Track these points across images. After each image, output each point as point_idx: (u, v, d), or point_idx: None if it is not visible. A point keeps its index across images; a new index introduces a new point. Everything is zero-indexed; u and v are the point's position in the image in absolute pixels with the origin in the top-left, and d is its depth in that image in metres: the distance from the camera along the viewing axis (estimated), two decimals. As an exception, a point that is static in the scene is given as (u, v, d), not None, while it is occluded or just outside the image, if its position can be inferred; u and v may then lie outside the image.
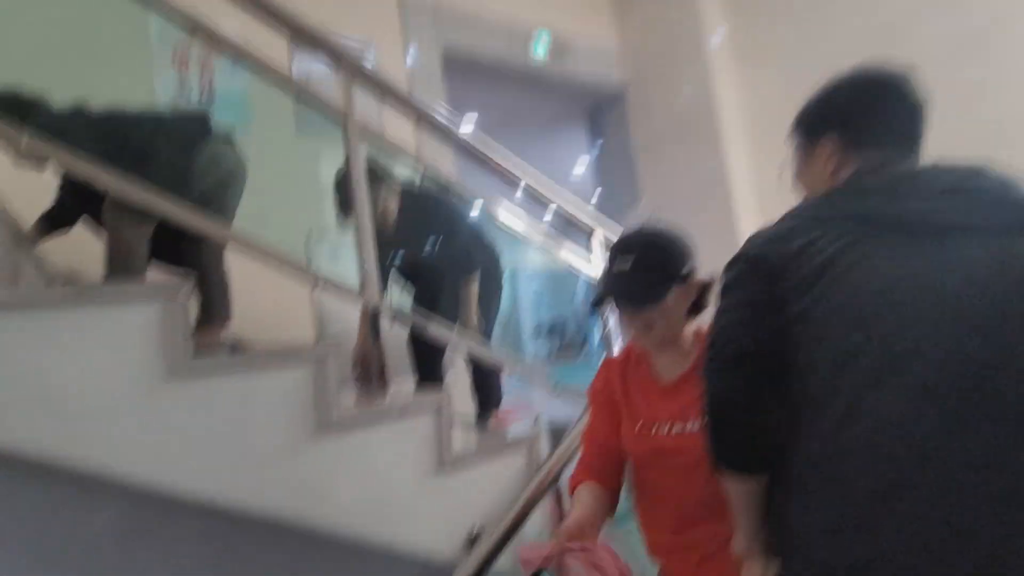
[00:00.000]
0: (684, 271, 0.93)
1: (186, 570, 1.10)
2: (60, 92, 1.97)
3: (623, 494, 1.12)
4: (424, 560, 1.33)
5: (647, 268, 0.92)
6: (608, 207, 5.54)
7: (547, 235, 1.89)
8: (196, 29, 1.28)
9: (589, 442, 1.08)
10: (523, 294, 12.23)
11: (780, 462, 0.75)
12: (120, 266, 1.86)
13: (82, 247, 2.24)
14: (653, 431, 0.95)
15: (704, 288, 0.96)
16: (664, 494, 0.98)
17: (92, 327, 1.01)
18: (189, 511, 1.08)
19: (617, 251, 0.96)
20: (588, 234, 1.93)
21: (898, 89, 0.85)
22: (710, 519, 0.90)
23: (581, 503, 0.99)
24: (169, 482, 1.04)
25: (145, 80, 2.75)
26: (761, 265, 0.79)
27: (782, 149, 2.52)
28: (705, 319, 0.92)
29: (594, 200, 5.39)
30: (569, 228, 2.01)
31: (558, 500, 1.45)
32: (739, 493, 0.80)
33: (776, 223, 0.84)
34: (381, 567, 1.30)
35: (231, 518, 1.12)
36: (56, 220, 2.16)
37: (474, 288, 2.09)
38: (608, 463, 1.03)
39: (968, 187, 0.75)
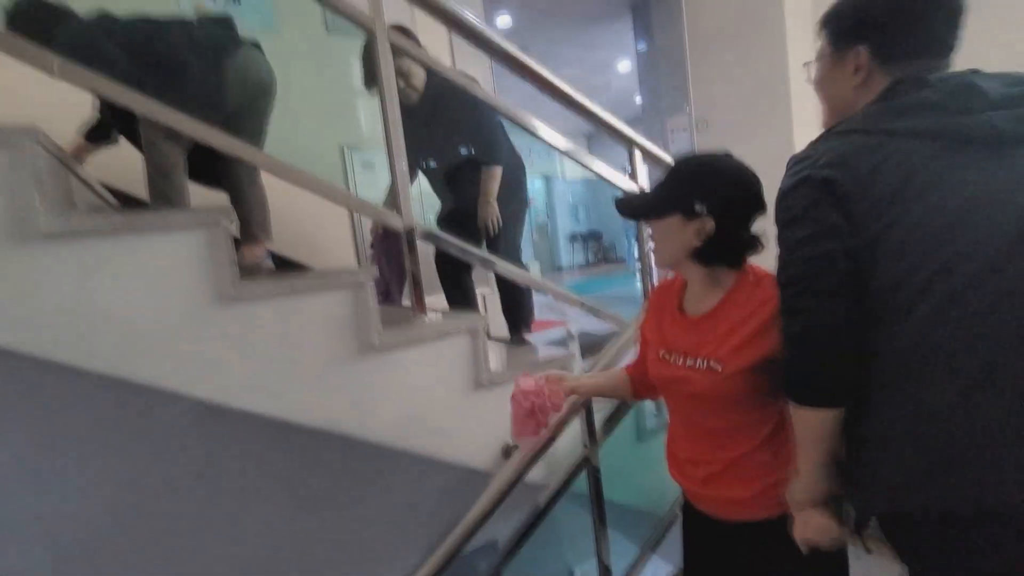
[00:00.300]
0: (693, 205, 0.89)
1: (248, 475, 1.22)
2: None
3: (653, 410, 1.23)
4: (462, 468, 1.43)
5: (659, 187, 0.94)
6: (653, 111, 5.23)
7: (580, 146, 1.80)
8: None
9: (639, 358, 1.16)
10: (560, 202, 12.06)
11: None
12: (160, 184, 1.89)
13: (129, 164, 2.29)
14: (670, 359, 0.99)
15: (718, 237, 0.90)
16: (678, 416, 1.05)
17: (141, 254, 1.04)
18: (245, 422, 1.17)
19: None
20: (628, 147, 1.82)
21: None
22: (715, 443, 0.97)
23: (601, 373, 1.20)
24: (221, 396, 1.12)
25: (166, -19, 2.62)
26: (833, 189, 0.77)
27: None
28: (763, 262, 0.93)
29: (637, 101, 5.05)
30: (608, 136, 1.90)
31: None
32: (817, 427, 0.79)
33: (829, 143, 0.81)
34: (423, 473, 1.40)
35: (286, 428, 1.21)
36: (98, 134, 2.19)
37: (494, 185, 2.05)
38: (647, 377, 1.10)
39: None
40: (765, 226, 0.92)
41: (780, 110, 3.95)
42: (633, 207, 1.02)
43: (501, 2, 5.61)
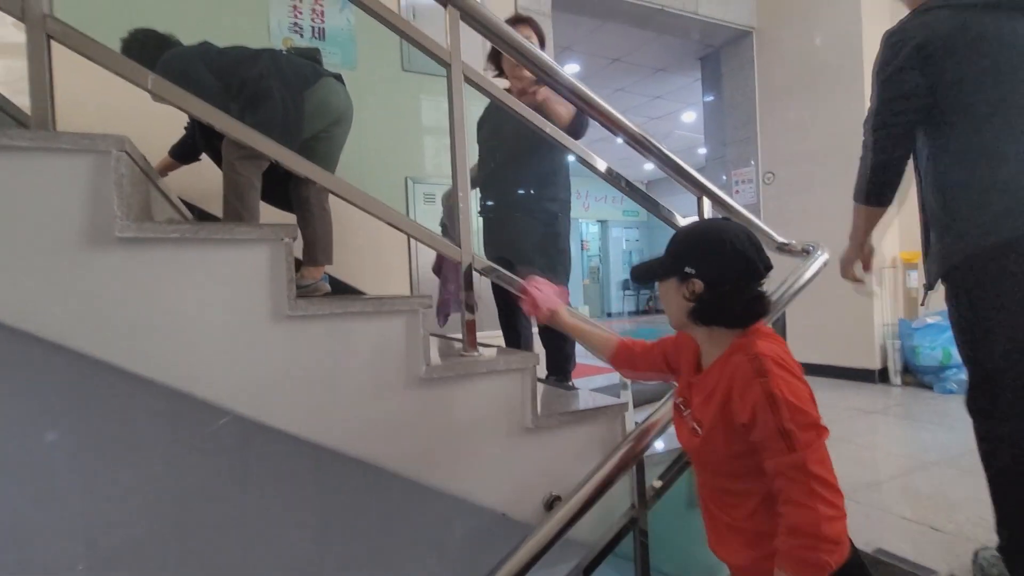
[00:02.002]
0: (685, 268, 0.95)
1: (288, 497, 1.18)
2: (185, 33, 2.07)
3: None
4: (500, 515, 1.35)
5: (664, 252, 1.00)
6: (717, 161, 5.15)
7: (643, 190, 1.76)
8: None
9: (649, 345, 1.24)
10: (613, 247, 11.98)
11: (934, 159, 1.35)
12: (235, 203, 1.98)
13: (208, 183, 2.42)
14: (682, 408, 1.04)
15: (708, 298, 0.94)
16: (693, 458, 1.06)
17: (206, 266, 1.06)
18: (285, 442, 1.14)
19: None
20: (699, 194, 1.76)
21: None
22: (719, 502, 0.98)
23: (588, 323, 1.35)
24: (267, 415, 1.10)
25: (261, 18, 2.82)
26: (922, 52, 1.28)
27: None
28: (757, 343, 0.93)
29: (700, 152, 5.00)
30: (668, 186, 1.85)
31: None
32: (871, 218, 1.51)
33: (919, 18, 1.33)
34: (456, 514, 1.33)
35: (325, 453, 1.18)
36: (184, 152, 2.33)
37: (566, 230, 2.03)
38: (639, 355, 1.22)
39: None
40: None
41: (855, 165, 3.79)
42: (639, 272, 1.07)
43: (571, 50, 5.77)
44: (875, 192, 1.44)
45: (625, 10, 4.24)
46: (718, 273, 0.93)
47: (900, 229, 4.08)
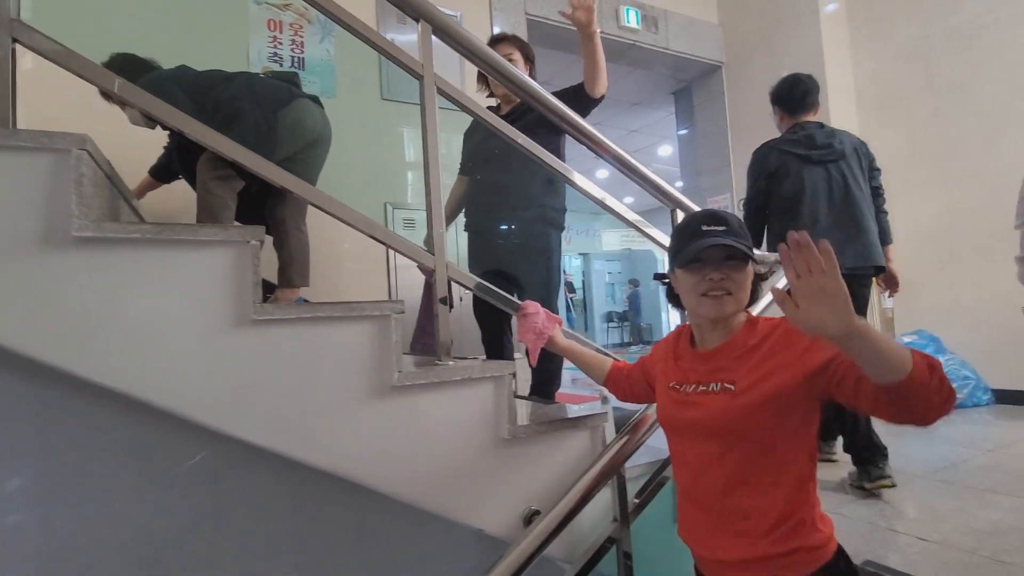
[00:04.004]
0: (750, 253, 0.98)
1: (257, 511, 1.12)
2: (165, 59, 2.08)
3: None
4: (476, 531, 1.29)
5: (738, 235, 0.96)
6: (694, 191, 5.26)
7: (630, 216, 1.76)
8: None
9: (633, 365, 1.28)
10: (596, 280, 12.06)
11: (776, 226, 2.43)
12: (208, 222, 1.96)
13: (181, 202, 2.39)
14: (680, 388, 1.02)
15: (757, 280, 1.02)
16: (687, 468, 1.02)
17: (168, 268, 1.03)
18: (257, 454, 1.09)
19: (704, 220, 0.98)
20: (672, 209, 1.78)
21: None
22: (725, 491, 0.93)
23: (582, 346, 1.40)
24: (230, 425, 1.05)
25: (240, 48, 2.86)
26: (767, 169, 2.42)
27: (895, 129, 2.25)
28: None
29: (680, 184, 5.11)
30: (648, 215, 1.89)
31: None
32: None
33: (765, 150, 2.47)
34: (433, 531, 1.27)
35: (293, 466, 1.12)
36: (162, 172, 2.32)
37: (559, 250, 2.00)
38: (627, 377, 1.27)
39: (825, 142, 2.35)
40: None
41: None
42: (736, 250, 1.00)
43: (549, 84, 5.93)
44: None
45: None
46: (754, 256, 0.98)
47: (872, 252, 4.17)
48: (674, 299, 1.07)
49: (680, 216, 1.79)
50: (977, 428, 3.07)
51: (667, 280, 1.07)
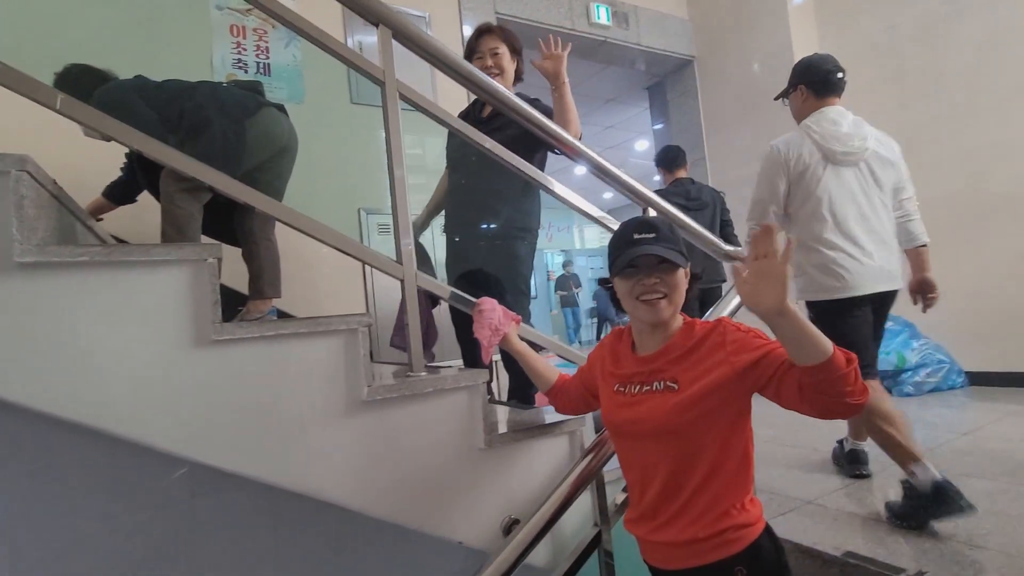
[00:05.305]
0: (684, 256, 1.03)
1: (229, 541, 1.08)
2: (125, 68, 2.02)
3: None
4: (455, 545, 1.27)
5: (668, 240, 1.01)
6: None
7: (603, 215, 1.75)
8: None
9: (572, 377, 1.29)
10: (580, 276, 12.06)
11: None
12: (174, 238, 1.89)
13: (143, 220, 2.33)
14: (625, 390, 1.06)
15: (689, 283, 1.06)
16: (634, 464, 1.07)
17: (120, 290, 0.99)
18: (226, 480, 1.05)
19: (636, 228, 1.03)
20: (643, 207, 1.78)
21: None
22: (671, 482, 0.98)
23: (532, 352, 1.36)
24: (196, 450, 1.02)
25: (203, 55, 2.79)
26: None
27: (864, 119, 2.28)
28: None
29: (656, 179, 5.14)
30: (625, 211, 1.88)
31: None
32: None
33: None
34: (412, 548, 1.24)
35: (269, 489, 1.09)
36: (119, 193, 2.24)
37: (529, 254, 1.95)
38: (571, 387, 1.26)
39: None
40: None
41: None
42: (668, 257, 1.07)
43: (524, 81, 5.91)
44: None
45: (570, 41, 4.39)
46: (687, 260, 1.03)
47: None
48: (617, 303, 1.09)
49: (652, 214, 1.78)
50: (952, 412, 3.13)
51: (611, 285, 1.10)
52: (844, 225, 1.94)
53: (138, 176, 2.14)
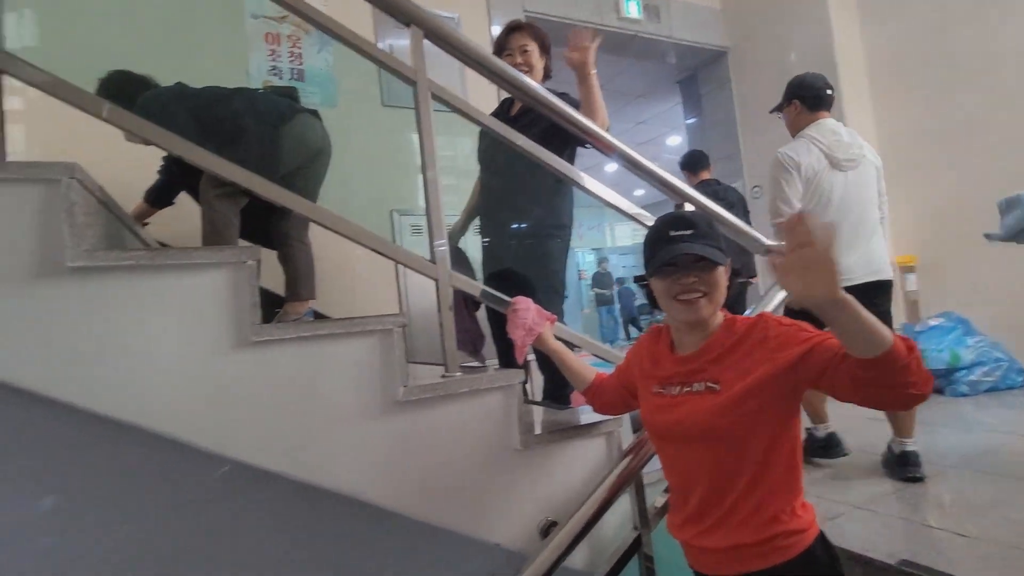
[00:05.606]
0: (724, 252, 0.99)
1: (266, 538, 1.10)
2: (165, 76, 2.09)
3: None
4: (492, 546, 1.26)
5: (707, 237, 0.97)
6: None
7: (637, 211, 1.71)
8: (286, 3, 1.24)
9: (611, 374, 1.26)
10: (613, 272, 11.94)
11: None
12: (213, 240, 1.95)
13: (187, 222, 2.39)
14: (665, 391, 1.03)
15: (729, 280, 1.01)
16: (676, 468, 1.04)
17: (164, 293, 1.01)
18: (262, 478, 1.07)
19: (672, 225, 0.99)
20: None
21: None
22: (715, 487, 0.95)
23: (569, 352, 1.33)
24: (234, 448, 1.03)
25: (240, 63, 2.86)
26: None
27: (907, 108, 2.19)
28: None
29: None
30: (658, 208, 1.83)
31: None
32: None
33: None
34: (448, 548, 1.24)
35: (305, 489, 1.10)
36: (158, 197, 2.32)
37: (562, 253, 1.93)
38: (609, 387, 1.23)
39: None
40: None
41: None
42: (706, 254, 1.04)
43: (552, 79, 5.88)
44: None
45: (600, 35, 4.35)
46: (726, 255, 0.99)
47: (895, 234, 4.06)
48: (654, 302, 1.07)
49: (688, 209, 1.73)
50: (1013, 412, 2.96)
51: (646, 283, 1.06)
52: (843, 224, 2.17)
53: (179, 178, 2.21)
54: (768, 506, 0.92)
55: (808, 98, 2.37)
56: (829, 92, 2.36)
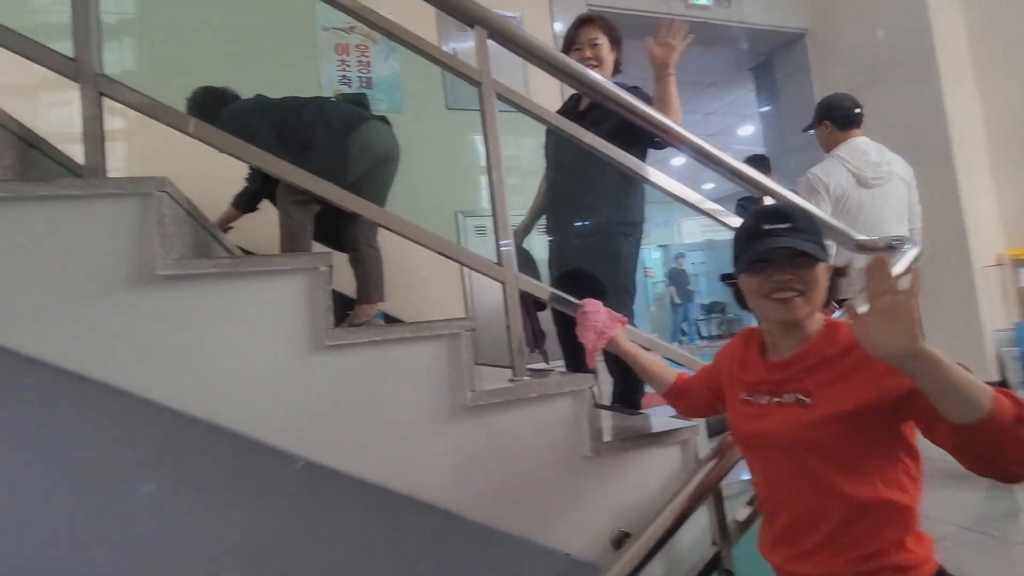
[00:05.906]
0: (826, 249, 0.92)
1: (334, 535, 1.12)
2: (244, 89, 2.20)
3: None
4: (561, 555, 1.23)
5: (806, 231, 0.90)
6: (779, 171, 4.88)
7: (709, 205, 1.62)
8: (355, 12, 1.27)
9: (696, 375, 1.21)
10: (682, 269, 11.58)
11: None
12: (290, 245, 2.04)
13: (263, 228, 2.52)
14: (753, 399, 0.97)
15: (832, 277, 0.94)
16: (762, 478, 0.98)
17: (246, 297, 1.06)
18: (332, 478, 1.09)
19: (766, 218, 0.92)
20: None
21: None
22: (807, 506, 0.87)
23: (646, 353, 1.31)
24: (308, 448, 1.06)
25: (312, 74, 2.98)
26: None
27: (1015, 88, 1.97)
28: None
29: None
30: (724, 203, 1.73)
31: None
32: None
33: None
34: (515, 555, 1.22)
35: (376, 488, 1.12)
36: (246, 202, 2.45)
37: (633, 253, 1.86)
38: (693, 388, 1.19)
39: None
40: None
41: (937, 154, 3.45)
42: (804, 251, 0.97)
43: (620, 72, 5.74)
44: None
45: (692, 33, 4.20)
46: (827, 253, 0.92)
47: (1006, 223, 3.66)
48: (742, 302, 0.99)
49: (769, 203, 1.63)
50: None
51: (734, 282, 0.99)
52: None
53: (263, 185, 2.33)
54: (871, 537, 0.83)
55: (837, 118, 2.50)
56: (858, 111, 2.49)
